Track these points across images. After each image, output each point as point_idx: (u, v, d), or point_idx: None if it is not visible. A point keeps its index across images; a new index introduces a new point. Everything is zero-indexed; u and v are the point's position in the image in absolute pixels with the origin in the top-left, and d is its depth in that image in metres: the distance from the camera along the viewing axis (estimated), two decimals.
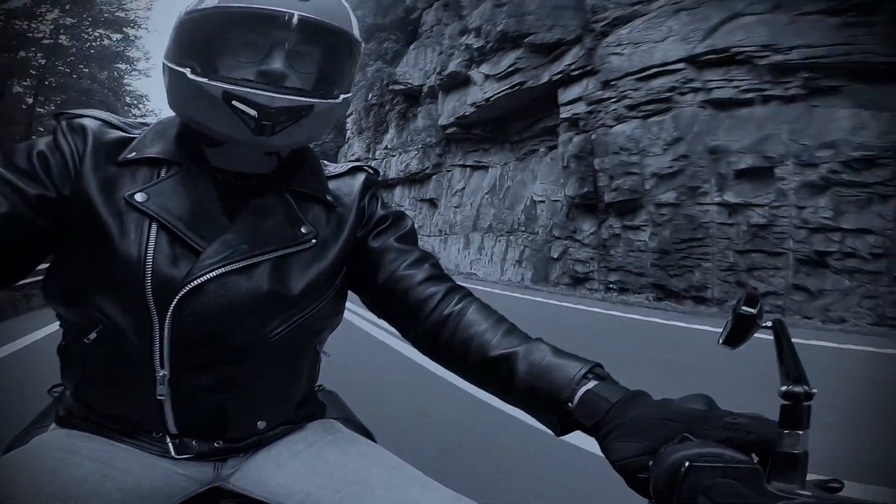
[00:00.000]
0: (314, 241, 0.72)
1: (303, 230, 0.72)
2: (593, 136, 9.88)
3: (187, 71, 0.63)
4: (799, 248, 7.18)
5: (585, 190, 10.13)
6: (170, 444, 0.69)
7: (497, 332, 0.68)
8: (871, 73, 6.67)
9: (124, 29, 21.66)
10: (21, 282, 0.65)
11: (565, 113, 10.79)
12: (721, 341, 0.62)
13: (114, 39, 22.09)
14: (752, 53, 7.61)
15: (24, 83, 19.91)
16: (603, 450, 0.53)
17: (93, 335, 0.65)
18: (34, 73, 19.89)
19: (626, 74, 9.31)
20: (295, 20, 0.62)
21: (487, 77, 12.67)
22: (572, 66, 10.60)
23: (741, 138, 7.69)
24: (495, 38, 12.27)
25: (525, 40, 11.57)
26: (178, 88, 0.66)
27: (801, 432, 0.44)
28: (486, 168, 14.30)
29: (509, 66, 11.95)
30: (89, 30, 21.11)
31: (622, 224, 9.48)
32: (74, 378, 0.71)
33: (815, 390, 0.45)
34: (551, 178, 11.69)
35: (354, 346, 4.58)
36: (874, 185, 6.60)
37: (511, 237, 12.79)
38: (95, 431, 0.69)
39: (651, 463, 0.47)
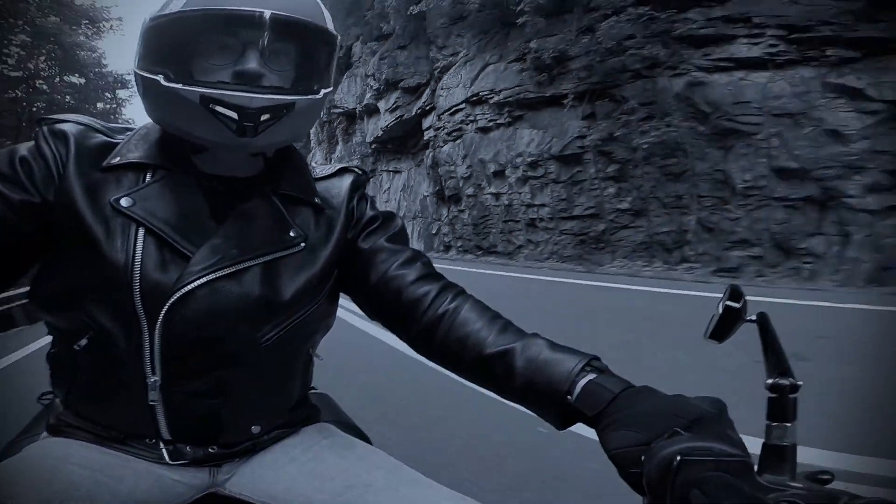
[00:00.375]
0: (303, 244, 0.71)
1: (291, 234, 0.71)
2: (436, 153, 14.94)
3: (160, 78, 0.62)
4: (524, 217, 12.19)
5: (437, 188, 15.25)
6: (164, 451, 0.67)
7: (492, 330, 0.67)
8: (537, 105, 11.54)
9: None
10: (8, 290, 0.63)
11: (426, 136, 15.86)
12: (707, 335, 0.60)
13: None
14: (486, 96, 12.54)
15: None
16: (600, 440, 0.52)
17: (83, 341, 0.64)
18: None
19: (445, 111, 14.29)
20: (265, 19, 0.61)
21: (385, 110, 17.78)
22: (426, 104, 15.61)
23: (489, 153, 12.68)
24: (383, 83, 17.32)
25: (399, 84, 16.60)
26: (153, 96, 0.65)
27: (788, 424, 0.45)
28: (399, 172, 19.46)
29: (393, 103, 17.02)
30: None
31: (456, 209, 14.59)
32: (65, 385, 0.69)
33: (800, 382, 0.46)
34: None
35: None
36: (542, 177, 11.54)
37: (413, 221, 18.01)
38: (88, 439, 0.67)
39: (643, 457, 0.46)
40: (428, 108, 15.55)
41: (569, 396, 0.58)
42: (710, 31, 8.55)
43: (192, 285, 0.62)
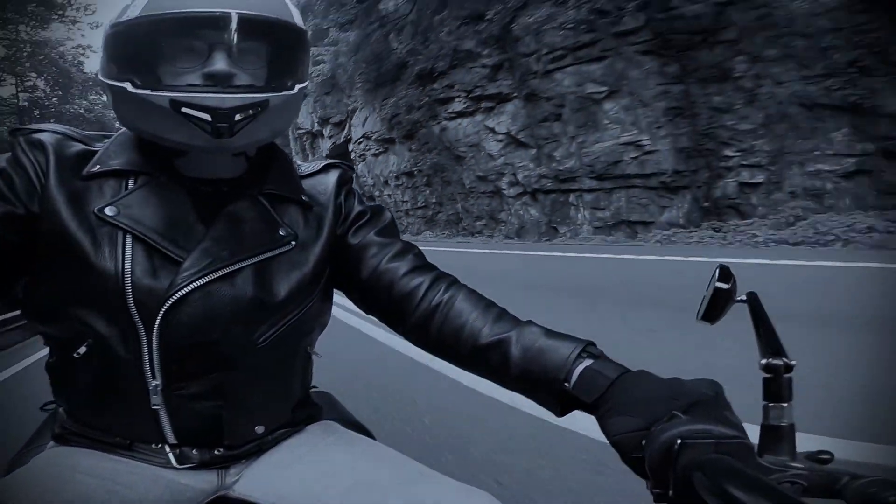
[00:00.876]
0: (294, 242, 0.71)
1: (281, 233, 0.70)
2: (361, 166, 22.01)
3: (127, 85, 0.60)
4: (400, 208, 19.18)
5: (360, 192, 22.55)
6: (170, 455, 0.68)
7: (487, 319, 0.67)
8: (392, 142, 18.28)
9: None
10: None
11: (351, 157, 22.89)
12: (699, 317, 0.61)
13: None
14: (370, 134, 19.37)
15: None
16: (601, 427, 0.52)
17: (82, 349, 0.64)
18: None
19: (355, 141, 21.17)
20: (228, 19, 0.59)
21: (326, 136, 24.84)
22: (347, 135, 22.53)
23: (379, 169, 19.59)
24: (319, 118, 24.27)
25: (329, 120, 23.52)
26: (122, 104, 0.63)
27: (785, 405, 0.45)
28: None
29: (329, 132, 24.02)
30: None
31: (379, 201, 21.88)
32: (66, 394, 0.70)
33: (794, 362, 0.45)
34: None
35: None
36: (401, 184, 18.37)
37: None
38: (94, 447, 0.67)
39: (644, 442, 0.46)
40: (348, 137, 22.41)
41: (566, 383, 0.57)
42: (445, 96, 15.08)
43: (186, 290, 0.62)
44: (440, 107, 15.38)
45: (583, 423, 0.93)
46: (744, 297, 0.58)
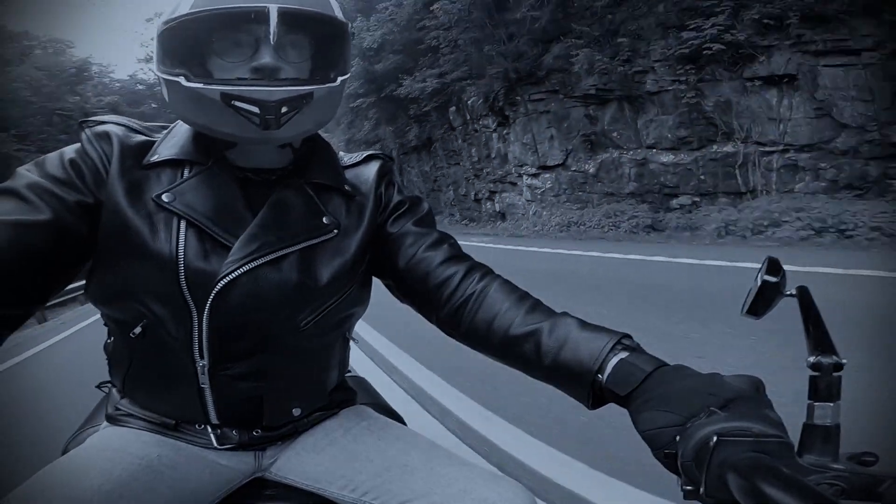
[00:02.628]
0: (336, 231, 0.73)
1: (325, 220, 0.72)
2: None
3: (181, 79, 0.63)
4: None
5: None
6: (212, 436, 0.72)
7: (520, 310, 0.67)
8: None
9: None
10: (67, 286, 0.64)
11: None
12: (745, 311, 0.58)
13: None
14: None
15: None
16: (633, 420, 0.51)
17: (138, 329, 0.67)
18: None
19: None
20: (270, 13, 0.62)
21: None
22: None
23: None
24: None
25: None
26: (176, 97, 0.66)
27: (831, 404, 0.43)
28: None
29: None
30: None
31: None
32: (121, 374, 0.74)
33: (844, 360, 0.44)
34: None
35: None
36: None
37: None
38: (143, 427, 0.72)
39: (678, 438, 0.45)
40: None
41: (599, 376, 0.57)
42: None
43: (235, 274, 0.65)
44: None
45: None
46: (793, 292, 0.55)
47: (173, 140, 0.72)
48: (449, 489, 0.67)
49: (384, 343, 3.77)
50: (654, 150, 10.09)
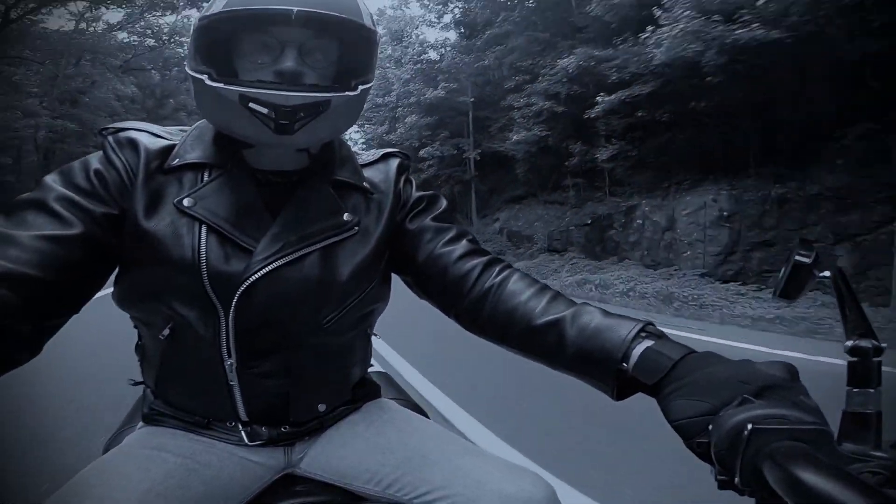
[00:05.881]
0: (356, 228, 0.73)
1: (345, 218, 0.73)
2: None
3: (205, 77, 0.64)
4: None
5: None
6: (242, 433, 0.73)
7: (541, 300, 0.67)
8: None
9: None
10: (93, 297, 0.65)
11: None
12: (777, 293, 0.56)
13: None
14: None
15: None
16: (662, 410, 0.50)
17: (166, 331, 0.69)
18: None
19: None
20: (300, 17, 0.61)
21: None
22: None
23: None
24: None
25: None
26: (200, 94, 0.66)
27: (871, 390, 0.42)
28: None
29: None
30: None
31: None
32: (153, 374, 0.75)
33: (885, 345, 0.43)
34: None
35: None
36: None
37: None
38: (177, 426, 0.74)
39: (711, 427, 0.44)
40: None
41: (624, 364, 0.56)
42: None
43: (258, 275, 0.66)
44: None
45: None
46: (827, 273, 0.52)
47: (195, 143, 0.72)
48: (467, 480, 0.68)
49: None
50: None
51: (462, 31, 17.39)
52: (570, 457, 2.26)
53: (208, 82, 0.64)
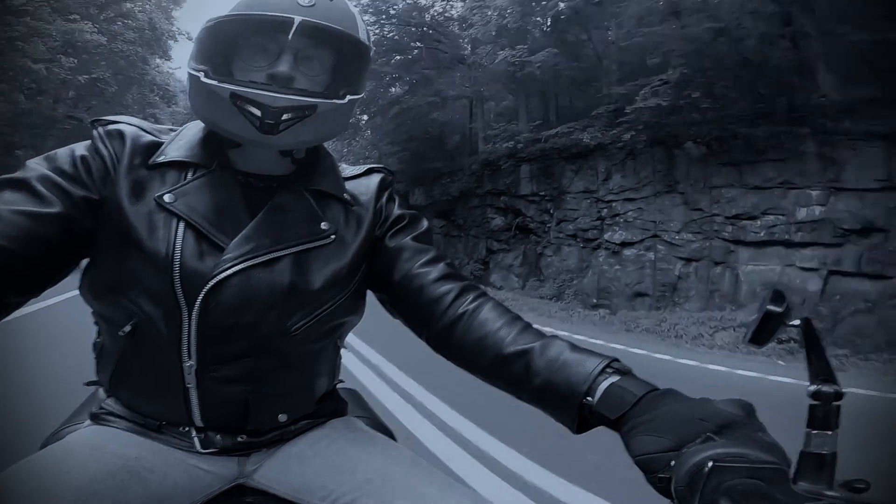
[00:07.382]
0: (333, 236, 0.73)
1: (322, 226, 0.73)
2: None
3: (201, 74, 0.66)
4: None
5: None
6: (195, 439, 0.71)
7: (512, 330, 0.67)
8: None
9: None
10: (57, 283, 0.64)
11: None
12: (747, 339, 0.59)
13: None
14: None
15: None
16: (625, 445, 0.51)
17: (127, 328, 0.67)
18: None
19: None
20: (300, 25, 0.64)
21: None
22: None
23: None
24: None
25: None
26: (194, 91, 0.69)
27: (829, 433, 0.44)
28: None
29: None
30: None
31: None
32: (108, 372, 0.73)
33: (844, 390, 0.44)
34: None
35: None
36: None
37: None
38: (126, 428, 0.71)
39: (673, 463, 0.45)
40: None
41: (589, 398, 0.57)
42: None
43: (227, 273, 0.66)
44: None
45: None
46: (797, 322, 0.55)
47: (181, 142, 0.73)
48: None
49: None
50: None
51: None
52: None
53: (203, 79, 0.66)
